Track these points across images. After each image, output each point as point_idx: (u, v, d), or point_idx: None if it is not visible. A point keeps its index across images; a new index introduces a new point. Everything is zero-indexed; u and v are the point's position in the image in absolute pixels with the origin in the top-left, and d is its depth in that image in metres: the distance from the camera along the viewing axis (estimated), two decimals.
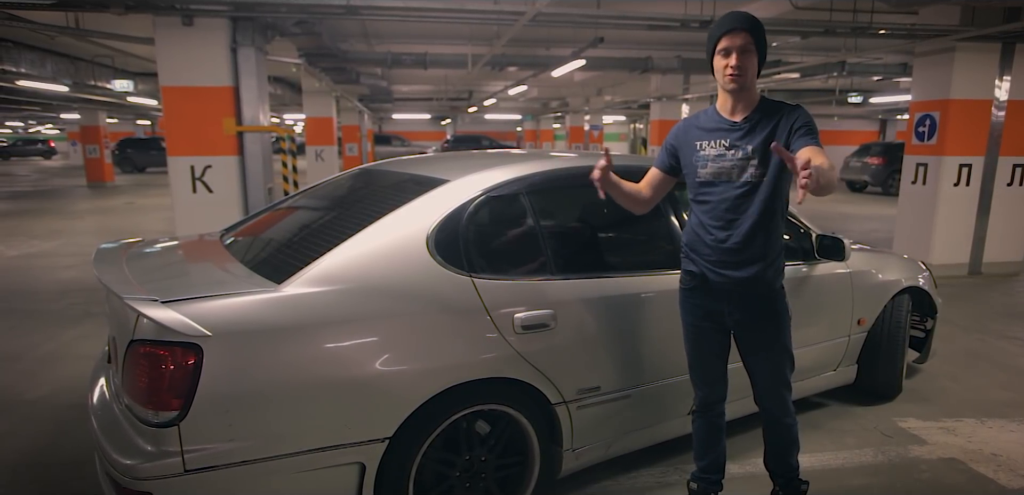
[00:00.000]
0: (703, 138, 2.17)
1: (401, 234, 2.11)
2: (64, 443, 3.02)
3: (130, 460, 1.76)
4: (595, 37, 7.47)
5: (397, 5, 5.46)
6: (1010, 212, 6.85)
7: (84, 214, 11.74)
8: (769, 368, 2.25)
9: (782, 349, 2.22)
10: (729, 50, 2.03)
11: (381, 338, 1.97)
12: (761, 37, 2.05)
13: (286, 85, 14.49)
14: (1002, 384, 3.87)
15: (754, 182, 2.07)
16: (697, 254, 2.22)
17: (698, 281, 2.22)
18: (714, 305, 2.21)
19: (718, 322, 2.23)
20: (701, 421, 2.38)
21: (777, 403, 2.28)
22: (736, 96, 2.10)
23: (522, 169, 2.47)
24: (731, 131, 2.11)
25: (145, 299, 1.74)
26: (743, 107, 2.11)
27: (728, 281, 2.14)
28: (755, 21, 2.04)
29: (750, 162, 2.07)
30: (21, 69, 8.58)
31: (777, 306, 2.19)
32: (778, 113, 2.08)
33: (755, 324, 2.20)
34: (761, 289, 2.15)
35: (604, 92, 18.22)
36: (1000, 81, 6.48)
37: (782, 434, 2.33)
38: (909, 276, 3.51)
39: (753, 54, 2.04)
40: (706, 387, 2.34)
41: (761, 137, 2.06)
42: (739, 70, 2.02)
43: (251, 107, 5.69)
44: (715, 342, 2.28)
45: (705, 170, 2.15)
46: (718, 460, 2.41)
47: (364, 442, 1.94)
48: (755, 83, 2.11)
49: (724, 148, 2.11)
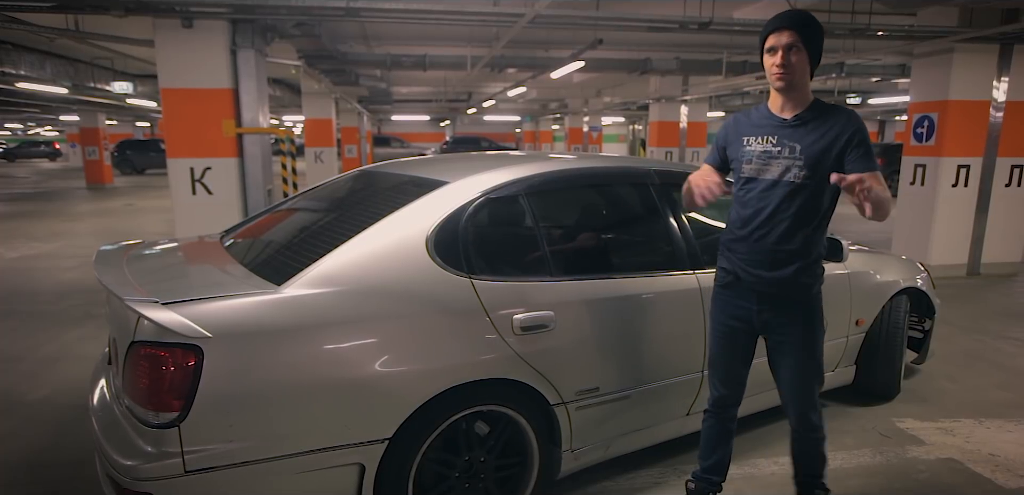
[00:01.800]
0: (751, 134, 2.14)
1: (400, 236, 2.12)
2: (65, 444, 3.03)
3: (130, 461, 1.77)
4: (594, 39, 7.48)
5: (396, 7, 5.46)
6: (1008, 213, 6.86)
7: (84, 216, 11.75)
8: (794, 374, 2.20)
9: (809, 357, 2.17)
10: (775, 48, 2.00)
11: (381, 339, 1.97)
12: (812, 34, 1.99)
13: (286, 87, 14.50)
14: (1000, 384, 3.88)
15: (797, 183, 2.03)
16: (731, 252, 2.20)
17: (731, 278, 2.21)
18: (745, 304, 2.19)
19: (747, 323, 2.21)
20: (712, 421, 2.37)
21: (801, 412, 2.24)
22: (785, 94, 2.07)
23: (521, 171, 2.47)
24: (780, 128, 2.08)
25: (145, 300, 1.75)
26: (793, 105, 2.07)
27: (760, 281, 2.12)
28: (805, 18, 2.00)
29: (795, 162, 2.03)
30: (21, 71, 8.59)
31: (809, 312, 2.14)
32: (831, 118, 2.02)
33: (784, 327, 2.16)
34: (794, 292, 2.10)
35: (603, 93, 18.24)
36: (998, 82, 6.49)
37: (807, 445, 2.29)
38: (907, 277, 3.52)
39: (801, 52, 1.98)
40: (723, 387, 2.32)
41: (810, 138, 2.01)
42: (784, 67, 1.99)
43: (251, 109, 5.69)
44: (740, 343, 2.26)
45: (750, 166, 2.13)
46: (722, 462, 2.40)
47: (364, 443, 1.94)
48: (806, 81, 2.05)
49: (771, 145, 2.08)
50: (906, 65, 10.72)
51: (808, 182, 2.02)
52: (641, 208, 2.83)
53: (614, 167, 2.95)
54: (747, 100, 16.31)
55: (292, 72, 11.12)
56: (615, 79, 14.22)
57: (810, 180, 2.02)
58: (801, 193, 2.04)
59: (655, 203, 2.72)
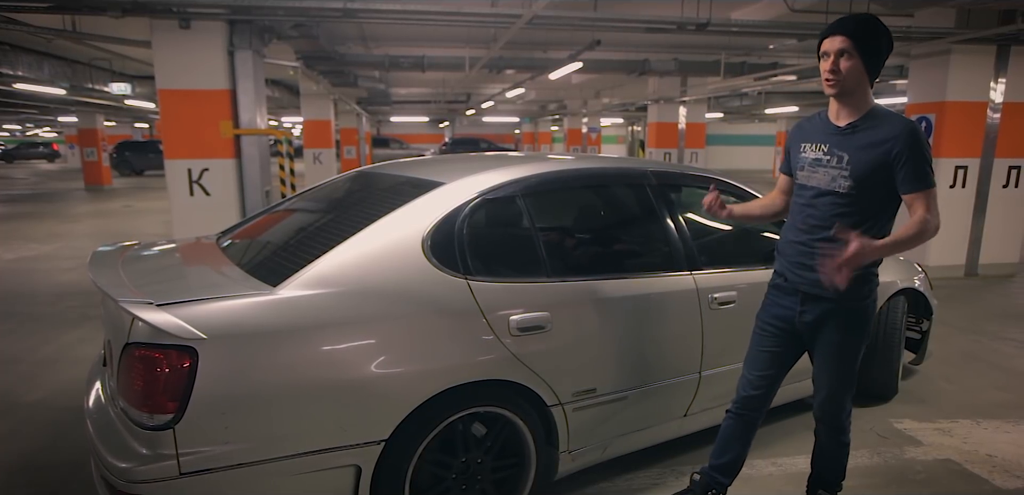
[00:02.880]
0: (807, 140, 2.15)
1: (397, 237, 2.12)
2: (61, 446, 3.02)
3: (125, 463, 1.76)
4: (592, 40, 7.49)
5: (394, 7, 5.46)
6: (1006, 214, 6.87)
7: (82, 217, 11.73)
8: (826, 377, 2.21)
9: (844, 361, 2.17)
10: (827, 54, 2.00)
11: (377, 341, 1.97)
12: (867, 38, 1.96)
13: (284, 88, 14.49)
14: (998, 385, 3.88)
15: (842, 192, 2.03)
16: (782, 254, 2.23)
17: (780, 279, 2.23)
18: (788, 303, 2.20)
19: (788, 324, 2.21)
20: (732, 421, 2.35)
21: (830, 414, 2.25)
22: (839, 101, 2.06)
23: (518, 171, 2.47)
24: (832, 136, 2.07)
25: (140, 302, 1.75)
26: (848, 113, 2.05)
27: (804, 282, 2.13)
28: (858, 23, 1.97)
29: (841, 171, 2.02)
30: (18, 72, 8.58)
31: (854, 317, 2.13)
32: (883, 127, 1.98)
33: (825, 329, 2.15)
34: (838, 295, 2.04)
35: (602, 94, 18.25)
36: (995, 83, 6.50)
37: (830, 448, 2.31)
38: (905, 278, 3.51)
39: (854, 58, 1.95)
40: (751, 388, 2.30)
41: (859, 148, 2.00)
42: (834, 74, 1.98)
43: (248, 110, 5.69)
44: (779, 344, 2.25)
45: (802, 173, 2.15)
46: (734, 463, 2.38)
47: (360, 444, 1.94)
48: (863, 88, 2.01)
49: (823, 152, 2.08)
50: (904, 66, 10.72)
51: (854, 192, 2.01)
52: (638, 209, 2.83)
53: (611, 168, 2.95)
54: (746, 102, 16.33)
55: (290, 73, 11.11)
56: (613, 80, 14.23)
57: (855, 190, 2.00)
58: (846, 203, 2.02)
59: (652, 204, 2.71)
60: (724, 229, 3.09)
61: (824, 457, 2.34)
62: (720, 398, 2.61)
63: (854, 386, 2.24)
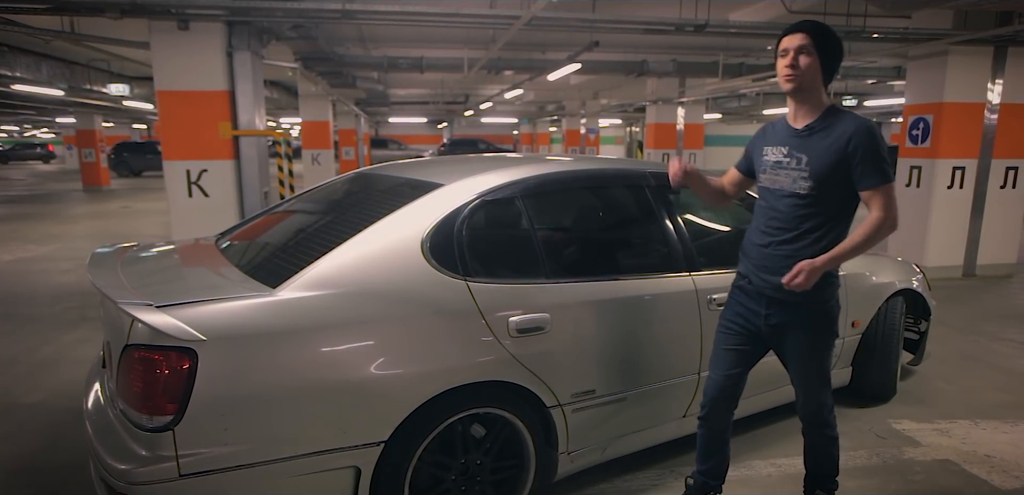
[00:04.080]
0: (768, 143, 2.19)
1: (396, 238, 2.12)
2: (60, 447, 3.02)
3: (124, 465, 1.76)
4: (590, 41, 7.49)
5: (392, 9, 5.46)
6: (1003, 214, 6.89)
7: (80, 218, 11.71)
8: (802, 378, 2.23)
9: (817, 361, 2.19)
10: (786, 50, 2.03)
11: (376, 342, 1.97)
12: (825, 41, 2.01)
13: (283, 89, 14.48)
14: (996, 385, 3.89)
15: (803, 194, 2.05)
16: (747, 256, 2.25)
17: (744, 281, 2.25)
18: (753, 306, 2.22)
19: (752, 325, 2.23)
20: (705, 429, 2.38)
21: (811, 412, 2.26)
22: (796, 100, 2.08)
23: (517, 173, 2.47)
24: (791, 138, 2.10)
25: (140, 303, 1.74)
26: (805, 114, 2.08)
27: (768, 286, 2.14)
28: (819, 25, 2.03)
29: (801, 173, 2.04)
30: (16, 73, 8.56)
31: (820, 318, 2.15)
32: (838, 125, 2.02)
33: (793, 331, 2.17)
34: (803, 297, 2.08)
35: (600, 95, 18.26)
36: (993, 84, 6.52)
37: (818, 445, 2.32)
38: (903, 278, 3.52)
39: (812, 56, 2.00)
40: (715, 389, 2.32)
41: (817, 149, 2.02)
42: (792, 69, 2.01)
43: (247, 111, 5.68)
44: (741, 343, 2.26)
45: (765, 176, 2.17)
46: (719, 467, 2.41)
47: (359, 446, 1.94)
48: (818, 89, 2.05)
49: (783, 155, 2.11)
50: (902, 67, 10.75)
51: (814, 193, 2.03)
52: (637, 210, 2.83)
53: (610, 169, 2.95)
54: (744, 103, 16.35)
55: (289, 74, 11.12)
56: (612, 81, 14.24)
57: (816, 190, 2.03)
58: (808, 203, 2.05)
59: (651, 205, 2.72)
60: (723, 230, 3.09)
61: (815, 454, 2.35)
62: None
63: (830, 382, 2.26)
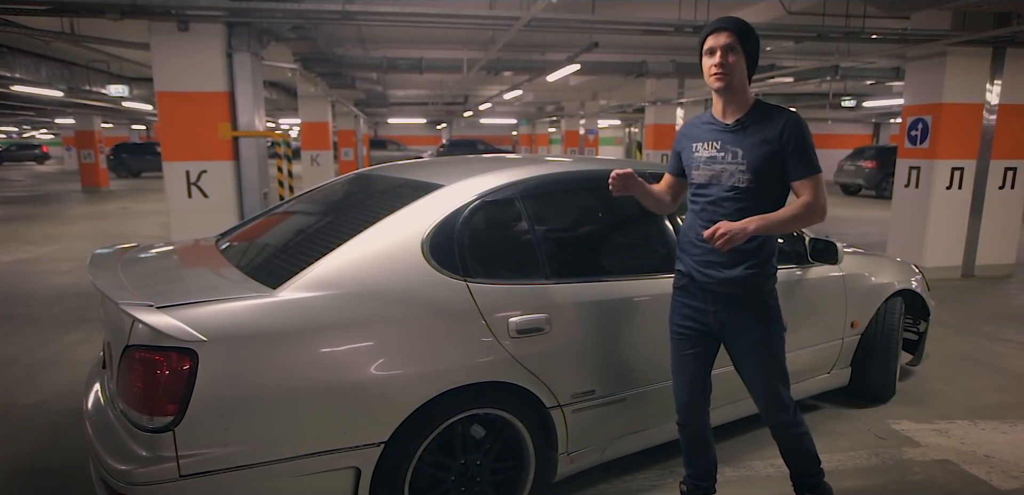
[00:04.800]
0: (698, 140, 2.19)
1: (396, 239, 2.12)
2: (59, 448, 3.02)
3: (125, 465, 1.76)
4: (589, 42, 7.51)
5: (391, 9, 5.47)
6: (1002, 215, 6.90)
7: (79, 219, 11.71)
8: (756, 376, 2.23)
9: (770, 356, 2.19)
10: (713, 49, 2.06)
11: (376, 343, 1.97)
12: (748, 38, 2.06)
13: (282, 90, 14.48)
14: (995, 386, 3.89)
15: (741, 187, 2.08)
16: (685, 253, 2.25)
17: (686, 280, 2.24)
18: (700, 304, 2.21)
19: (702, 324, 2.22)
20: (685, 433, 2.38)
21: (771, 411, 2.26)
22: (725, 97, 2.11)
23: (516, 174, 2.48)
24: (722, 133, 2.13)
25: (140, 304, 1.75)
26: (734, 109, 2.12)
27: (712, 281, 2.15)
28: (741, 23, 2.06)
29: (738, 166, 2.08)
30: (16, 74, 8.56)
31: (763, 311, 2.17)
32: (769, 119, 2.07)
33: (740, 327, 2.18)
34: (745, 291, 2.13)
35: (599, 96, 18.28)
36: (991, 85, 6.54)
37: (788, 442, 2.31)
38: (902, 279, 3.53)
39: (739, 54, 2.04)
40: (684, 394, 2.31)
41: (751, 142, 2.07)
42: (721, 67, 2.04)
43: (246, 112, 5.69)
44: (697, 344, 2.26)
45: (698, 172, 2.18)
46: (707, 468, 2.41)
47: (359, 446, 1.94)
48: (745, 85, 2.10)
49: (715, 150, 2.13)
50: (900, 68, 10.77)
51: (753, 185, 2.06)
52: (636, 211, 2.82)
53: (609, 170, 2.94)
54: None
55: (288, 75, 11.12)
56: (611, 82, 14.26)
57: (754, 183, 2.06)
58: (747, 196, 2.07)
59: None
60: None
61: (790, 455, 2.34)
62: (718, 399, 2.61)
63: (786, 376, 2.24)
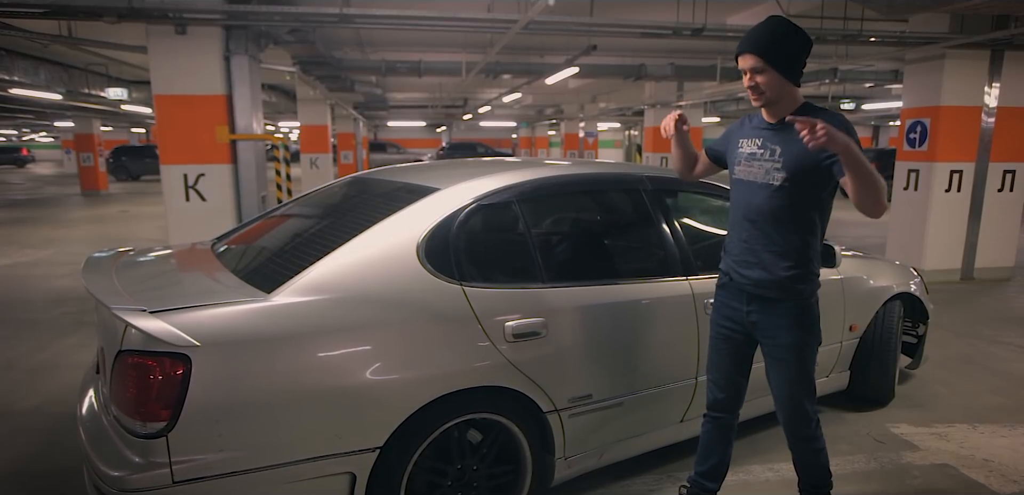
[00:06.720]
0: (745, 136, 2.19)
1: (391, 243, 2.11)
2: (55, 453, 3.00)
3: (118, 471, 1.75)
4: (588, 45, 7.50)
5: (390, 12, 5.47)
6: (1001, 217, 6.89)
7: (78, 223, 11.70)
8: (782, 382, 2.19)
9: (797, 363, 2.13)
10: (743, 71, 2.05)
11: (372, 347, 1.96)
12: (773, 51, 1.98)
13: (281, 93, 14.49)
14: (994, 389, 3.89)
15: (776, 185, 2.05)
16: (726, 252, 2.25)
17: (726, 279, 2.25)
18: (736, 304, 2.21)
19: (740, 325, 2.22)
20: (709, 424, 2.37)
21: (792, 422, 2.22)
22: (769, 109, 2.10)
23: (513, 177, 2.47)
24: (765, 131, 2.11)
25: (133, 309, 1.74)
26: (780, 111, 2.08)
27: (747, 281, 2.14)
28: (764, 36, 1.99)
29: (775, 165, 2.05)
30: (14, 77, 8.57)
31: (800, 315, 2.11)
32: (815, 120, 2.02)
33: (772, 331, 2.15)
34: (779, 294, 2.09)
35: (598, 99, 18.30)
36: (990, 88, 6.53)
37: (804, 455, 2.28)
38: (901, 282, 3.52)
39: (767, 71, 1.98)
40: (719, 391, 2.32)
41: (792, 142, 1.99)
42: (751, 90, 2.04)
43: (244, 115, 5.68)
44: (734, 347, 2.25)
45: (739, 167, 2.18)
46: (719, 468, 2.39)
47: (355, 452, 1.93)
48: (784, 94, 2.03)
49: (757, 147, 2.12)
50: (899, 71, 10.77)
51: (787, 185, 2.03)
52: (634, 214, 2.83)
53: (606, 173, 2.95)
54: (742, 106, 16.36)
55: (287, 78, 11.11)
56: (610, 84, 14.27)
57: (789, 183, 2.03)
58: (782, 195, 2.05)
59: (648, 209, 2.71)
60: (720, 234, 3.08)
61: (804, 467, 2.32)
62: None
63: (813, 389, 2.20)
